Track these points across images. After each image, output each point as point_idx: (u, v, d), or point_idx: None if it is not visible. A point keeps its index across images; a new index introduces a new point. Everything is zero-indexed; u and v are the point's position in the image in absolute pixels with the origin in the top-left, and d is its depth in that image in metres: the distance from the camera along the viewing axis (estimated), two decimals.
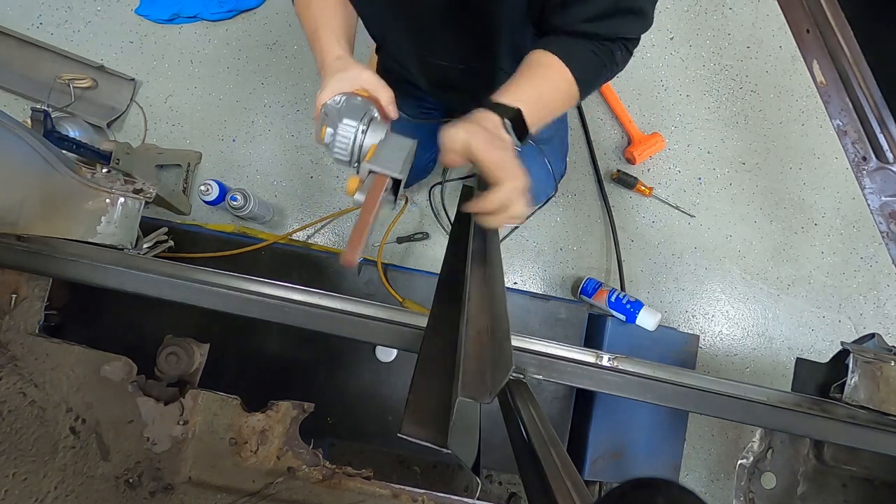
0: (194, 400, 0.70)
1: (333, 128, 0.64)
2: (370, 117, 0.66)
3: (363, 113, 0.65)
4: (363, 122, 0.64)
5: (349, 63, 0.71)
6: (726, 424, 1.62)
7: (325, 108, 0.66)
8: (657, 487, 0.31)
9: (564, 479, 0.35)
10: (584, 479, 1.18)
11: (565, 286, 1.63)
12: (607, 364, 0.70)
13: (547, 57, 0.73)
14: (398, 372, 1.12)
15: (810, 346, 1.66)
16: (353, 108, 0.65)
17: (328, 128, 0.64)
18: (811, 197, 1.70)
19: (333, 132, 0.64)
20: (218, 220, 1.57)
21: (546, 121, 0.74)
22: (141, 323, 1.05)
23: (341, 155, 0.65)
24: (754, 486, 0.81)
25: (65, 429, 0.69)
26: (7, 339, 0.70)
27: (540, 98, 0.72)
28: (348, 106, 0.65)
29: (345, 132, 0.63)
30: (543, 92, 0.72)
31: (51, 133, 1.23)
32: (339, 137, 0.64)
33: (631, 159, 1.65)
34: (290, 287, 0.71)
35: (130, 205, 0.77)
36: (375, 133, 0.64)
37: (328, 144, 0.65)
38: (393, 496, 0.69)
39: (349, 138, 0.64)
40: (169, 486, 0.68)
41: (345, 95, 0.66)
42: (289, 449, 0.70)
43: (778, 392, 0.72)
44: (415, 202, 1.63)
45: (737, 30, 1.75)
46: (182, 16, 1.66)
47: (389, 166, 0.60)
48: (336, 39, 0.74)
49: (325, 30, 0.75)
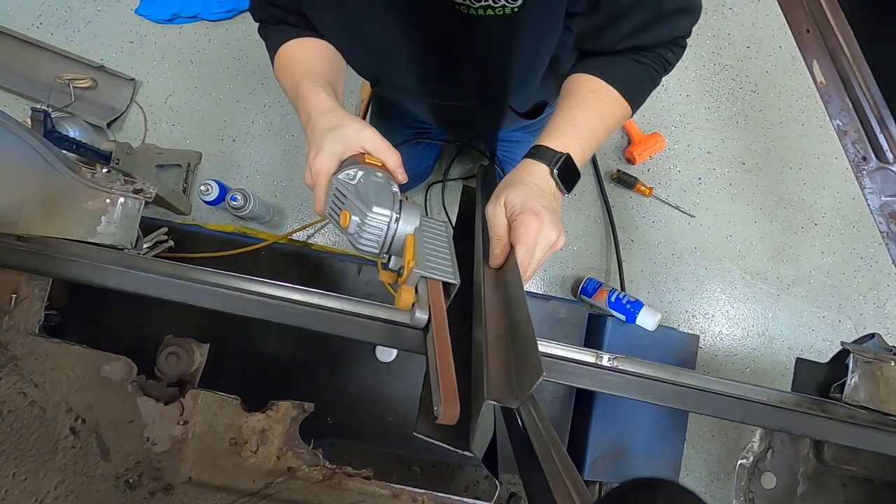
0: (194, 400, 0.70)
1: (360, 216, 0.52)
2: (400, 199, 0.55)
3: (392, 195, 0.54)
4: (395, 209, 0.53)
5: (344, 118, 0.61)
6: (726, 424, 1.62)
7: (337, 185, 0.56)
8: (657, 487, 0.31)
9: (564, 479, 0.35)
10: (584, 479, 1.18)
11: (565, 286, 1.63)
12: (607, 364, 0.70)
13: (590, 82, 0.68)
14: (398, 372, 1.12)
15: (810, 346, 1.66)
16: (379, 191, 0.54)
17: (352, 215, 0.53)
18: (811, 197, 1.70)
19: (361, 221, 0.52)
20: (218, 220, 1.57)
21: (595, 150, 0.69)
22: (141, 323, 1.05)
23: (370, 247, 0.54)
24: (754, 486, 0.80)
25: (65, 429, 0.69)
26: (7, 339, 0.70)
27: (589, 132, 0.67)
28: (372, 187, 0.54)
29: (377, 223, 0.52)
30: (592, 124, 0.67)
31: (51, 133, 1.23)
32: (369, 228, 0.52)
33: (631, 159, 1.65)
34: (290, 287, 0.71)
35: (130, 205, 0.77)
36: (409, 219, 0.53)
37: (353, 234, 0.54)
38: (393, 496, 0.69)
39: (382, 230, 0.53)
40: (169, 486, 0.68)
41: (359, 168, 0.56)
42: (289, 449, 0.70)
43: (778, 392, 0.72)
44: (415, 202, 1.63)
45: (737, 30, 1.76)
46: (182, 16, 1.66)
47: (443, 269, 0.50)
48: (322, 89, 0.64)
49: (308, 81, 0.66)
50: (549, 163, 0.64)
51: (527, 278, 0.58)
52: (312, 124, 0.62)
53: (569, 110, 0.67)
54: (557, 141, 0.65)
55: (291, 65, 0.72)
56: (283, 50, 0.74)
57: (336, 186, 0.56)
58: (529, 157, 0.65)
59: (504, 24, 0.64)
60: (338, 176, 0.56)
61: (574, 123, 0.66)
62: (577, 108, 0.67)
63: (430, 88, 0.85)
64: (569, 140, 0.65)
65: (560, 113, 0.68)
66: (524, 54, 0.72)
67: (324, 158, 0.58)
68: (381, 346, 1.09)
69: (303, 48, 0.73)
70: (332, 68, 0.73)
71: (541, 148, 0.65)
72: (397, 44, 0.73)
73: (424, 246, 0.52)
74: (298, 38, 0.74)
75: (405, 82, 0.84)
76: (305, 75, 0.67)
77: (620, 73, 0.69)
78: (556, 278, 1.64)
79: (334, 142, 0.59)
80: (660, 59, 0.71)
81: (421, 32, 0.70)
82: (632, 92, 0.70)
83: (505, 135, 1.26)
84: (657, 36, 0.68)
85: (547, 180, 0.63)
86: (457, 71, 0.77)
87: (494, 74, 0.78)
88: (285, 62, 0.73)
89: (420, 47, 0.72)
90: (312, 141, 0.60)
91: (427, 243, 0.52)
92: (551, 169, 0.63)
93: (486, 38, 0.68)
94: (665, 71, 0.73)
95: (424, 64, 0.76)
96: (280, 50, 0.74)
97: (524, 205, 0.59)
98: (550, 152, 0.64)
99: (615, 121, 0.70)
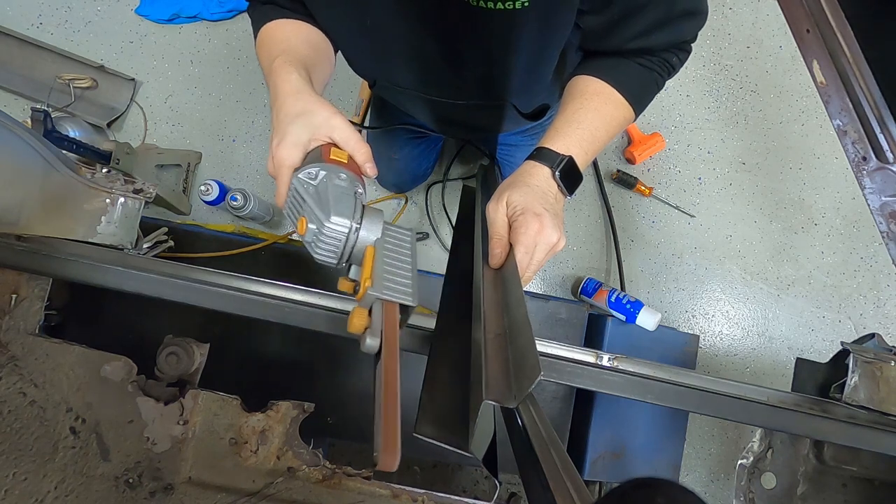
0: (194, 400, 0.70)
1: (318, 225, 0.47)
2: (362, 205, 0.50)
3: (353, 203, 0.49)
4: (356, 219, 0.48)
5: (314, 102, 0.56)
6: (726, 424, 1.62)
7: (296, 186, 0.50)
8: (657, 487, 0.31)
9: (564, 479, 0.35)
10: (584, 479, 1.18)
11: (565, 286, 1.63)
12: (607, 364, 0.70)
13: (595, 84, 0.68)
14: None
15: (810, 346, 1.66)
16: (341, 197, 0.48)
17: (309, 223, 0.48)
18: (811, 197, 1.70)
19: (318, 230, 0.48)
20: (218, 220, 1.57)
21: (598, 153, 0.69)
22: (141, 323, 1.05)
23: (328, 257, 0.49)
24: (754, 486, 0.80)
25: (65, 429, 0.69)
26: (7, 339, 0.70)
27: (592, 135, 0.66)
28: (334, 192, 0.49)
29: (335, 233, 0.48)
30: (595, 127, 0.66)
31: (51, 133, 1.23)
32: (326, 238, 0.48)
33: (631, 159, 1.65)
34: (290, 287, 0.71)
35: (130, 205, 0.77)
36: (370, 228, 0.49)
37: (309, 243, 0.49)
38: (393, 496, 0.69)
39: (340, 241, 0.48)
40: (169, 486, 0.68)
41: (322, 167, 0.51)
42: (289, 449, 0.70)
43: (778, 392, 0.72)
44: (415, 202, 1.63)
45: (737, 30, 1.75)
46: (182, 16, 1.66)
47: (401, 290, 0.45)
48: (294, 67, 0.59)
49: (283, 58, 0.61)
50: (552, 165, 0.63)
51: (526, 279, 0.58)
52: (279, 105, 0.57)
53: (572, 113, 0.66)
54: (560, 143, 0.64)
55: (271, 43, 0.68)
56: (267, 28, 0.71)
57: (295, 187, 0.51)
58: (532, 158, 0.65)
59: (512, 20, 0.63)
60: (298, 175, 0.51)
61: (577, 126, 0.65)
62: (580, 111, 0.66)
63: (432, 85, 0.83)
64: (571, 143, 0.64)
65: (563, 115, 0.67)
66: (531, 52, 0.71)
67: (288, 148, 0.54)
68: None
69: (287, 28, 0.70)
70: (315, 53, 0.69)
71: (543, 150, 0.65)
72: (401, 37, 0.71)
73: (384, 260, 0.47)
74: (285, 19, 0.71)
75: (406, 80, 0.83)
76: (282, 53, 0.63)
77: (626, 77, 0.68)
78: (556, 278, 1.64)
79: (300, 129, 0.54)
80: (665, 64, 0.71)
81: (426, 25, 0.68)
82: (636, 96, 0.69)
83: (505, 138, 1.26)
84: (666, 38, 0.68)
85: (549, 182, 0.63)
86: (460, 67, 0.76)
87: (499, 71, 0.76)
88: (266, 40, 0.70)
89: (424, 40, 0.71)
90: (277, 125, 0.56)
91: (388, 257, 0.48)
92: (553, 171, 0.63)
93: (493, 32, 0.66)
94: (669, 76, 0.73)
95: (427, 58, 0.75)
96: (263, 28, 0.71)
97: (526, 205, 0.58)
98: (553, 154, 0.64)
99: (618, 124, 0.70)
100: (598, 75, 0.68)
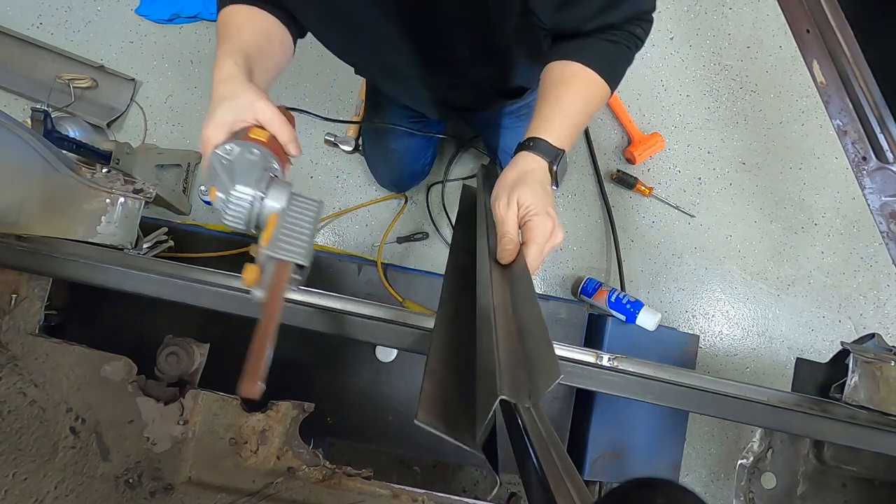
0: (194, 400, 0.70)
1: (224, 193, 0.53)
2: (269, 177, 0.54)
3: (260, 174, 0.54)
4: (260, 188, 0.53)
5: (241, 88, 0.60)
6: (726, 424, 1.62)
7: (213, 159, 0.55)
8: (657, 487, 0.31)
9: (564, 479, 0.35)
10: (584, 479, 1.18)
11: (565, 286, 1.63)
12: (607, 364, 0.70)
13: (570, 67, 0.70)
14: (398, 372, 1.12)
15: (810, 346, 1.66)
16: (249, 169, 0.54)
17: (218, 192, 0.53)
18: (811, 197, 1.70)
19: (225, 198, 0.53)
20: (218, 220, 1.57)
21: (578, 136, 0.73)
22: (141, 323, 1.05)
23: (236, 223, 0.55)
24: (754, 486, 0.80)
25: (65, 429, 0.69)
26: (7, 339, 0.70)
27: (576, 121, 0.69)
28: (243, 164, 0.54)
29: (239, 202, 0.53)
30: (577, 112, 0.69)
31: (51, 133, 1.23)
32: (232, 206, 0.53)
33: (631, 159, 1.65)
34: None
35: (130, 205, 0.77)
36: (276, 198, 0.53)
37: (220, 210, 0.54)
38: (393, 496, 0.69)
39: (245, 208, 0.53)
40: (169, 486, 0.68)
41: (237, 144, 0.55)
42: (289, 449, 0.70)
43: (778, 392, 0.72)
44: (415, 202, 1.63)
45: (737, 30, 1.76)
46: (182, 16, 1.66)
47: (293, 250, 0.50)
48: (232, 56, 0.63)
49: (225, 48, 0.65)
50: (551, 160, 0.65)
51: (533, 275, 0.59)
52: (213, 91, 0.61)
53: (556, 100, 0.69)
54: (552, 134, 0.66)
55: (223, 29, 0.70)
56: (223, 13, 0.72)
57: (212, 160, 0.55)
58: (530, 150, 0.66)
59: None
60: (216, 150, 0.56)
61: (564, 115, 0.68)
62: (563, 98, 0.69)
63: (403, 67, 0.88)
64: (563, 133, 0.67)
65: (547, 102, 0.69)
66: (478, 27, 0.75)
67: (213, 128, 0.58)
68: (381, 346, 1.09)
69: (242, 16, 0.71)
70: (264, 41, 0.71)
71: (540, 142, 0.66)
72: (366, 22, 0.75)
73: (285, 226, 0.52)
74: (245, 6, 0.72)
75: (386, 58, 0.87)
76: (227, 41, 0.66)
77: (596, 55, 0.71)
78: (556, 278, 1.64)
79: (226, 112, 0.58)
80: (630, 37, 0.73)
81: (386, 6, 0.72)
82: (609, 71, 0.72)
83: (493, 119, 1.27)
84: (623, 13, 0.70)
85: (548, 177, 0.65)
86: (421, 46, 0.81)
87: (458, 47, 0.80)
88: (220, 25, 0.72)
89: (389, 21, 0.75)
90: (209, 109, 0.60)
91: (289, 223, 0.52)
92: (551, 166, 0.66)
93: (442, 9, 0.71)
94: (637, 48, 0.75)
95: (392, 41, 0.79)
96: (223, 11, 0.73)
97: (539, 207, 0.61)
98: (550, 148, 0.66)
99: (597, 104, 0.73)
100: (570, 58, 0.71)
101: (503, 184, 0.64)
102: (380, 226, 1.60)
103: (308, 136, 1.63)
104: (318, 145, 1.62)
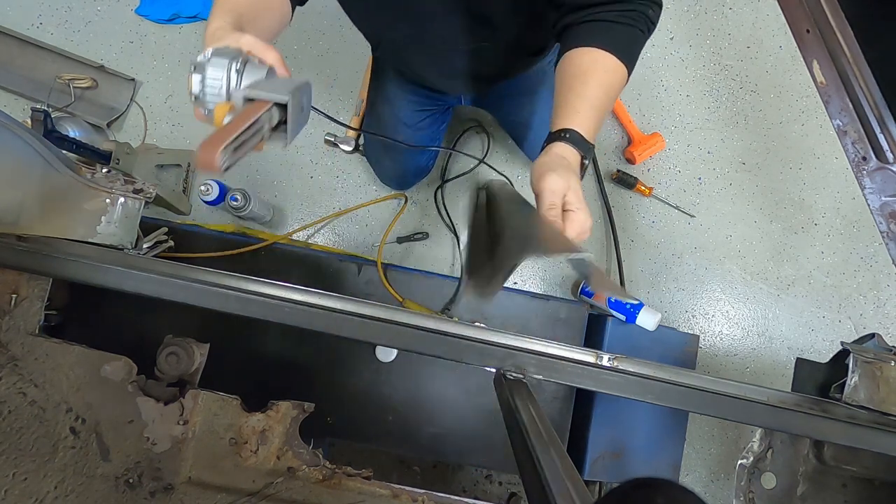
0: (194, 400, 0.70)
1: (202, 72, 0.54)
2: (245, 60, 0.56)
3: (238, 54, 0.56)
4: (236, 62, 0.54)
5: (227, 33, 0.61)
6: (726, 424, 1.62)
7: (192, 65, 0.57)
8: (657, 487, 0.31)
9: (564, 479, 0.35)
10: (584, 479, 1.18)
11: (565, 286, 1.63)
12: (607, 364, 0.70)
13: (590, 54, 0.72)
14: (398, 372, 1.12)
15: (810, 346, 1.66)
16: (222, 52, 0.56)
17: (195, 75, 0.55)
18: (811, 197, 1.70)
19: (202, 77, 0.54)
20: (218, 220, 1.57)
21: None
22: (141, 323, 1.05)
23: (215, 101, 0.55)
24: (754, 486, 0.80)
25: (65, 429, 0.69)
26: (7, 339, 0.70)
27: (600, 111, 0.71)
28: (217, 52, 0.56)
29: (215, 74, 0.54)
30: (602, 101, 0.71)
31: (51, 133, 1.23)
32: (208, 81, 0.54)
33: (631, 159, 1.65)
34: (290, 287, 0.71)
35: (130, 205, 0.77)
36: (253, 74, 0.55)
37: (198, 96, 0.55)
38: (393, 496, 0.69)
39: (220, 80, 0.54)
40: (169, 486, 0.68)
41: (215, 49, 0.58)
42: (289, 449, 0.70)
43: (778, 392, 0.72)
44: (415, 202, 1.63)
45: (737, 30, 1.76)
46: (182, 16, 1.66)
47: (272, 93, 0.50)
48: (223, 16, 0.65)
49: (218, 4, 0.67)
50: (583, 154, 0.68)
51: None
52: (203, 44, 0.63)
53: (582, 89, 0.70)
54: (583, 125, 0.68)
55: None
56: None
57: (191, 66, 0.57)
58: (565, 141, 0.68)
59: None
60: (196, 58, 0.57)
61: (590, 106, 0.69)
62: (587, 87, 0.70)
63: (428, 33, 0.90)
64: (591, 125, 0.69)
65: (573, 91, 0.70)
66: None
67: None
68: (381, 346, 1.09)
69: None
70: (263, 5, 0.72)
71: (574, 133, 0.68)
72: None
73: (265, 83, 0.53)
74: None
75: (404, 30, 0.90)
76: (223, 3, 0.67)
77: (613, 39, 0.72)
78: (556, 278, 1.64)
79: None
80: (643, 18, 0.74)
81: None
82: (627, 54, 0.73)
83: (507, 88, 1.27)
84: None
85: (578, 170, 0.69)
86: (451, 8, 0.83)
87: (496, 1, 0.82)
88: None
89: None
90: None
91: (270, 82, 0.54)
92: (583, 160, 0.69)
93: None
94: (649, 31, 0.77)
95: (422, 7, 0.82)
96: None
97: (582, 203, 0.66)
98: (587, 145, 0.68)
99: (617, 91, 0.74)
100: (588, 44, 0.72)
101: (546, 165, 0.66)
102: (380, 226, 1.60)
103: (308, 136, 1.63)
104: (318, 145, 1.62)
